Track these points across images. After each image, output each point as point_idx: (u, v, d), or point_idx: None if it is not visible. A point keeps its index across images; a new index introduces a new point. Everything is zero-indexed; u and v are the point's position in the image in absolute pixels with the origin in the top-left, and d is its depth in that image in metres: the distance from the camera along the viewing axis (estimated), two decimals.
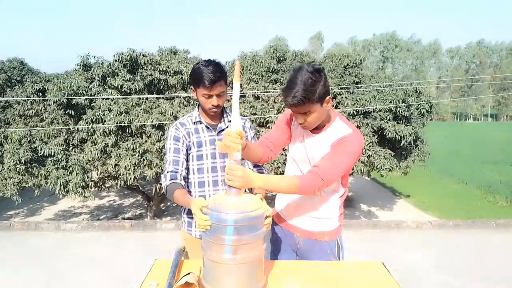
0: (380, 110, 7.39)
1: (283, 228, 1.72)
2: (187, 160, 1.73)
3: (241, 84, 7.71)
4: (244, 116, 6.83)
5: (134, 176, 6.28)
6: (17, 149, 6.27)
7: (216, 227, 1.17)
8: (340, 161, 1.44)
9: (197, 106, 1.82)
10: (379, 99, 7.53)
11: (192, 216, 1.26)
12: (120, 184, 6.57)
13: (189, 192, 1.75)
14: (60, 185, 6.02)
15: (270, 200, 1.82)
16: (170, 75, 7.66)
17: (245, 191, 1.37)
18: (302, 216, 1.64)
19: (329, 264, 1.50)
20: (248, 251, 1.18)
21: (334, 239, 1.63)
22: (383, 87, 8.06)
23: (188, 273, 1.23)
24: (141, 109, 6.83)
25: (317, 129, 1.55)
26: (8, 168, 6.25)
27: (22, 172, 6.31)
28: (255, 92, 7.63)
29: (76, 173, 6.12)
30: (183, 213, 1.82)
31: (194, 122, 1.75)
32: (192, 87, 1.71)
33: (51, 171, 6.22)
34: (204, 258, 1.23)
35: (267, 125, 6.97)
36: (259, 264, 1.23)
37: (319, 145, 1.52)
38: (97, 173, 6.95)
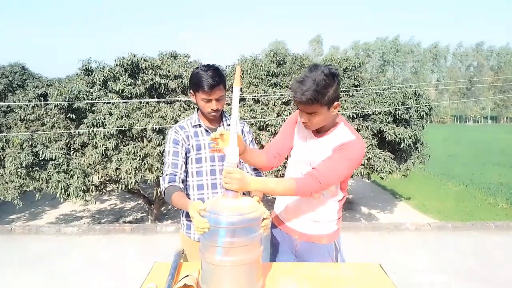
0: (379, 113, 7.42)
1: (282, 230, 1.73)
2: (186, 163, 1.75)
3: (241, 88, 7.75)
4: (244, 119, 6.88)
5: (135, 180, 6.31)
6: (18, 153, 6.30)
7: (213, 229, 1.19)
8: (339, 166, 1.45)
9: (196, 109, 1.85)
10: (378, 101, 7.56)
11: (190, 219, 1.29)
12: (121, 188, 6.59)
13: (188, 195, 1.76)
14: (61, 188, 6.05)
15: (270, 203, 1.84)
16: (170, 79, 7.70)
17: (243, 194, 1.39)
18: (300, 219, 1.65)
19: (326, 266, 1.51)
20: (245, 253, 1.19)
21: (331, 242, 1.64)
22: (383, 90, 8.10)
23: (187, 276, 1.24)
24: (141, 113, 6.87)
25: (320, 132, 1.56)
26: (9, 172, 6.28)
27: (24, 176, 6.34)
28: (255, 96, 7.67)
29: (77, 177, 6.15)
30: (182, 216, 1.83)
31: (194, 126, 1.77)
32: (191, 91, 1.73)
33: (52, 175, 6.25)
34: (202, 261, 1.24)
35: (267, 129, 7.00)
36: (256, 266, 1.25)
37: (321, 149, 1.53)
38: (98, 177, 6.97)
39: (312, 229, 1.63)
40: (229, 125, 1.79)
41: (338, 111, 1.54)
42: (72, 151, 6.87)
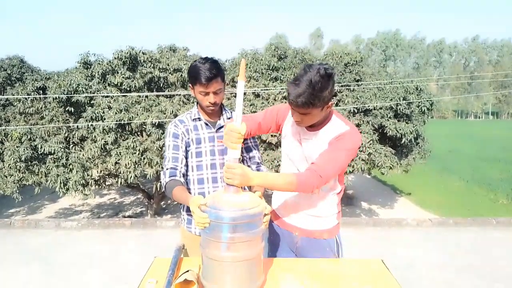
0: (380, 108, 7.37)
1: (281, 227, 1.70)
2: (186, 157, 1.72)
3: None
4: (244, 114, 6.82)
5: (135, 174, 6.28)
6: (17, 147, 6.28)
7: (214, 225, 1.17)
8: (337, 157, 1.43)
9: (196, 103, 1.82)
10: (379, 96, 7.51)
11: (191, 213, 1.26)
12: (121, 182, 6.57)
13: (188, 189, 1.74)
14: (60, 182, 6.03)
15: (270, 198, 1.81)
16: (169, 73, 7.64)
17: (244, 189, 1.36)
18: (300, 214, 1.62)
19: (328, 262, 1.49)
20: (246, 249, 1.17)
21: (333, 237, 1.62)
22: (384, 84, 8.04)
23: (187, 271, 1.22)
24: (140, 107, 6.82)
25: (313, 127, 1.52)
26: (8, 166, 6.26)
27: (23, 170, 6.32)
28: (255, 90, 7.61)
29: (76, 171, 6.12)
30: (183, 211, 1.81)
31: (193, 119, 1.75)
32: (190, 84, 1.71)
33: (51, 168, 6.23)
34: (203, 256, 1.23)
35: None
36: (257, 261, 1.23)
37: (316, 144, 1.50)
38: (97, 171, 6.95)
39: (313, 224, 1.60)
40: (229, 118, 1.77)
41: (338, 106, 1.51)
42: (71, 145, 6.83)
